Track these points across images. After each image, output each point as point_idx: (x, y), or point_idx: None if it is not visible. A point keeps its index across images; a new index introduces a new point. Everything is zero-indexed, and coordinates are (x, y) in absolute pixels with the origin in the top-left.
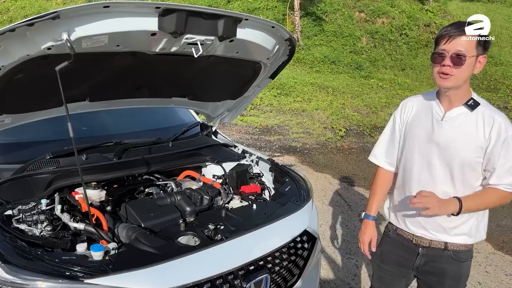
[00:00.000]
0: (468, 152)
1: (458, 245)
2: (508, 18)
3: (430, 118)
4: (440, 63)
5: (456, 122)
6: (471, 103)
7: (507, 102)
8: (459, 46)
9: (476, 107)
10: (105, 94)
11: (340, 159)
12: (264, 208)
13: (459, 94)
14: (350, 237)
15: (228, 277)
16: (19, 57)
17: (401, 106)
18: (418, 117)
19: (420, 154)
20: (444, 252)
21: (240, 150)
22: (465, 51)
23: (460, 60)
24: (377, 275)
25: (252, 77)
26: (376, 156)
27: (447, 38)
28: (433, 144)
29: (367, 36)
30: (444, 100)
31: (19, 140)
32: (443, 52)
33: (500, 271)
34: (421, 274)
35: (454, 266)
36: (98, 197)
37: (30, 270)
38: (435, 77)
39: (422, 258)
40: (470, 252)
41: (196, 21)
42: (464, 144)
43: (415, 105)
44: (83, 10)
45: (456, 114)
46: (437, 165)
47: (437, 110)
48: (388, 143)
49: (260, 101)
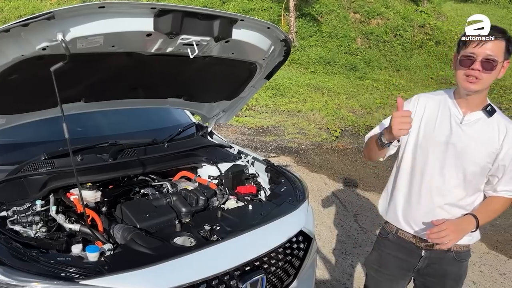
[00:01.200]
0: (483, 157)
1: (461, 246)
2: (502, 19)
3: (448, 120)
4: (468, 67)
5: (475, 127)
6: (490, 109)
7: (500, 103)
8: (489, 50)
9: (493, 114)
10: (100, 95)
11: (335, 159)
12: (259, 208)
13: (479, 98)
14: (346, 237)
15: (224, 278)
16: (14, 57)
17: (413, 99)
18: (434, 116)
19: (434, 155)
20: (447, 254)
21: (236, 150)
22: (495, 56)
23: (490, 65)
24: (374, 280)
25: (247, 77)
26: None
27: (477, 42)
28: (450, 146)
29: (362, 37)
30: (462, 102)
31: (13, 141)
32: (473, 55)
33: (494, 270)
34: (422, 276)
35: (456, 267)
36: (93, 198)
37: (25, 272)
38: (460, 80)
39: (425, 260)
40: (469, 251)
41: (191, 22)
42: (480, 149)
43: (430, 103)
44: (78, 10)
45: (475, 119)
46: (452, 168)
47: (455, 112)
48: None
49: (256, 101)
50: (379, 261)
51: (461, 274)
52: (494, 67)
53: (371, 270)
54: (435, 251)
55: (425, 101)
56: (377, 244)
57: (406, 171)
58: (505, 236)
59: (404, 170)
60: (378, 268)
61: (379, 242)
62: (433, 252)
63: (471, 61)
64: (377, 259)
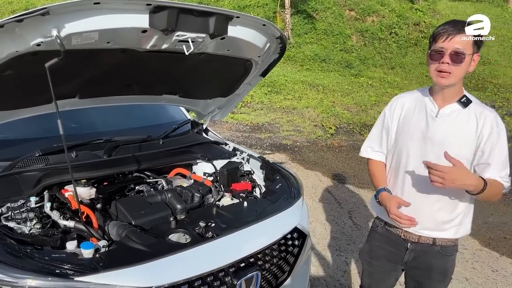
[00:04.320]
0: (462, 147)
1: (446, 240)
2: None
3: (424, 115)
4: (439, 61)
5: (450, 119)
6: (464, 100)
7: (494, 100)
8: (457, 44)
9: (469, 104)
10: (95, 91)
11: (330, 156)
12: (255, 205)
13: (454, 91)
14: (340, 234)
15: (219, 274)
16: (8, 53)
17: (391, 103)
18: (410, 114)
19: (414, 151)
20: (432, 248)
21: (231, 147)
22: (463, 49)
23: (459, 57)
24: (367, 271)
25: (243, 74)
26: (367, 151)
27: (446, 36)
28: (428, 141)
29: (357, 35)
30: (438, 97)
31: (7, 137)
32: (442, 50)
33: (487, 267)
34: (409, 269)
35: (441, 261)
36: (88, 195)
37: (20, 268)
38: (432, 75)
39: (411, 253)
40: (456, 246)
41: (187, 19)
42: (458, 141)
43: (407, 101)
44: (73, 6)
45: (450, 111)
46: (433, 161)
47: (431, 107)
48: (376, 138)
49: (251, 98)
50: (370, 253)
51: (447, 268)
52: (462, 59)
53: (364, 262)
54: (421, 244)
55: (402, 101)
56: (369, 237)
57: (391, 167)
58: (498, 233)
59: (389, 166)
60: (370, 260)
61: (370, 234)
62: (419, 245)
63: (441, 55)
64: (368, 251)
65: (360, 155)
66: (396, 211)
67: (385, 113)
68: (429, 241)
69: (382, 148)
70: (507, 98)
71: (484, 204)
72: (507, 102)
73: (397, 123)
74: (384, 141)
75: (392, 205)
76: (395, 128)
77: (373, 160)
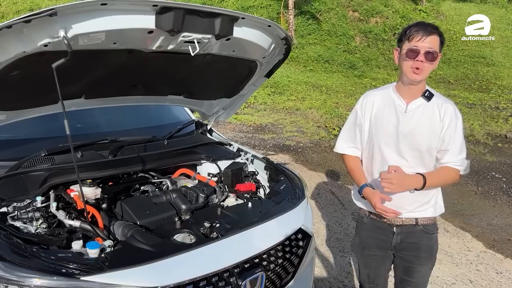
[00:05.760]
0: (429, 136)
1: (426, 219)
2: (500, 19)
3: (393, 111)
4: (414, 58)
5: (417, 112)
6: (428, 94)
7: (498, 102)
8: (429, 44)
9: (431, 98)
10: (101, 92)
11: (333, 158)
12: (259, 206)
13: (420, 87)
14: (344, 235)
15: (224, 275)
16: (15, 53)
17: (361, 101)
18: (381, 111)
19: (388, 146)
20: (416, 228)
21: (235, 148)
22: (435, 48)
23: (432, 56)
24: (363, 262)
25: (247, 75)
26: (342, 147)
27: (420, 36)
28: (400, 134)
29: (360, 36)
30: (404, 93)
31: (13, 137)
32: (416, 48)
33: (491, 269)
34: (399, 251)
35: (426, 239)
36: (93, 195)
37: (26, 267)
38: (406, 71)
39: (398, 236)
40: (435, 224)
41: (193, 20)
42: (426, 131)
43: (376, 99)
44: (80, 7)
45: (417, 105)
46: (407, 150)
47: (399, 103)
48: (349, 134)
49: (254, 99)
50: (361, 245)
51: (432, 245)
52: (435, 58)
53: (358, 254)
54: (405, 226)
55: (372, 99)
56: (357, 229)
57: (368, 161)
58: (502, 235)
59: (366, 160)
60: (362, 251)
61: (358, 227)
62: (404, 228)
63: (416, 53)
64: (359, 243)
65: (335, 151)
66: (382, 205)
67: (356, 111)
68: (412, 222)
69: (357, 144)
70: (511, 100)
71: (489, 206)
72: (511, 104)
73: (369, 120)
74: (358, 137)
75: (377, 200)
76: (368, 125)
77: (349, 156)
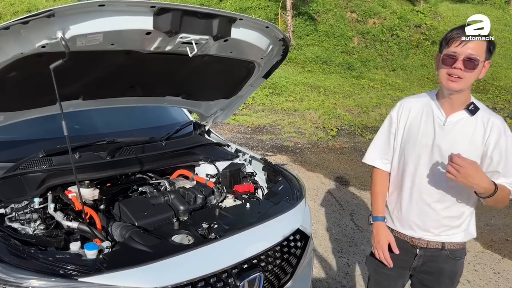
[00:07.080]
0: (469, 155)
1: (455, 244)
2: (498, 20)
3: (431, 122)
4: (451, 65)
5: (458, 127)
6: (472, 108)
7: (495, 103)
8: (471, 50)
9: (476, 112)
10: (99, 93)
11: (331, 158)
12: (257, 207)
13: (462, 97)
14: (342, 236)
15: (222, 276)
16: (13, 55)
17: (398, 107)
18: (417, 120)
19: (423, 159)
20: (442, 252)
21: (233, 149)
22: (477, 55)
23: (472, 63)
24: (374, 279)
25: (245, 76)
26: (371, 158)
27: (460, 41)
28: (435, 148)
29: (358, 37)
30: (445, 103)
31: (11, 138)
32: (455, 54)
33: (489, 269)
34: (418, 273)
35: (451, 265)
36: (91, 196)
37: (24, 269)
38: (442, 79)
39: (420, 259)
40: (464, 250)
41: (191, 21)
42: (466, 148)
43: (414, 107)
44: (78, 8)
45: (458, 119)
46: (440, 169)
47: (438, 114)
48: (383, 144)
49: (252, 100)
50: (377, 261)
51: (456, 271)
52: (475, 66)
53: (371, 269)
54: (430, 249)
55: (409, 106)
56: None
57: (396, 176)
58: (500, 236)
59: (394, 175)
60: (376, 267)
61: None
62: (428, 251)
63: (454, 60)
64: (375, 260)
65: (363, 161)
66: (386, 252)
67: (391, 117)
68: (438, 246)
69: (388, 155)
70: (508, 100)
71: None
72: (508, 104)
73: (403, 129)
74: (391, 147)
75: (384, 243)
76: (401, 134)
77: (377, 170)
